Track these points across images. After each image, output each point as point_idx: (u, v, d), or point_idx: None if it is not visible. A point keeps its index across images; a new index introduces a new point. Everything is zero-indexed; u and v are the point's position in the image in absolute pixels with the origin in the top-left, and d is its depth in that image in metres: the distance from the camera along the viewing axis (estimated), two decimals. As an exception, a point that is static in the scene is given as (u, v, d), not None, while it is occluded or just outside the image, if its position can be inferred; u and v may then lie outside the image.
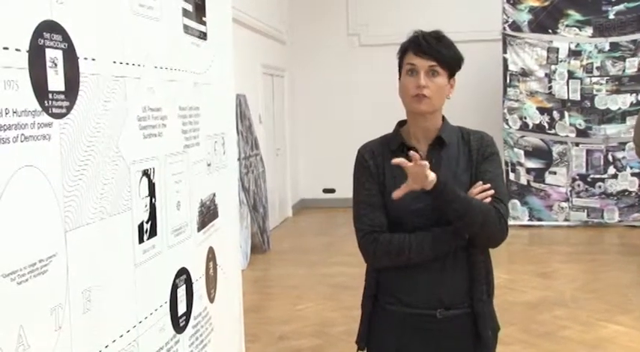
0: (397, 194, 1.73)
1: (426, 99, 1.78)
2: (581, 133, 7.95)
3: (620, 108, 7.88)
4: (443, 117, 1.88)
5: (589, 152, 7.96)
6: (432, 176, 1.70)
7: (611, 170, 7.90)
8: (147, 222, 1.56)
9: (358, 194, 1.87)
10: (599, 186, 7.91)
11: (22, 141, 1.09)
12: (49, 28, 1.17)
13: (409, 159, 1.79)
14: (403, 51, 1.85)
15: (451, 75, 1.83)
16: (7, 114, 1.05)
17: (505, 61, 8.02)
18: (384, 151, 1.86)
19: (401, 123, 1.91)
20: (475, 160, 1.84)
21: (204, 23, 2.01)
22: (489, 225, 1.77)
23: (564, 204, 7.99)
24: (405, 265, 1.80)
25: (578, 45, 7.93)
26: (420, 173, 1.69)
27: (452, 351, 1.85)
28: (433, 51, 1.78)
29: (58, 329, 1.18)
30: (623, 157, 7.86)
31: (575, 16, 7.91)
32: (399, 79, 1.85)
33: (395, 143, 1.86)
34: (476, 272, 1.83)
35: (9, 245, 1.06)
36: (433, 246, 1.77)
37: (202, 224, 1.98)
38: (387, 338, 1.88)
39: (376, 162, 1.85)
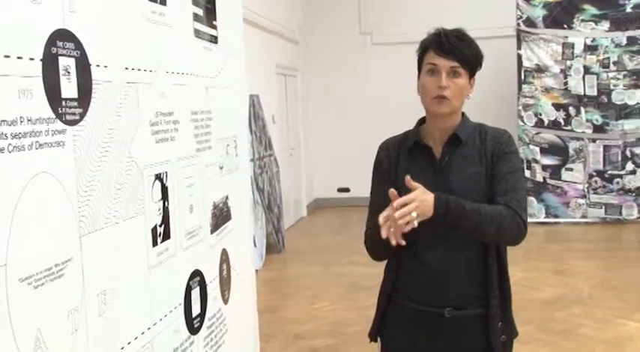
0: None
1: (446, 101, 1.75)
2: (598, 129, 7.87)
3: (637, 103, 7.80)
4: (463, 114, 1.85)
5: (606, 148, 7.87)
6: (429, 200, 1.65)
7: (630, 166, 7.82)
8: (160, 226, 1.58)
9: (371, 192, 1.94)
10: (617, 182, 7.83)
11: (36, 149, 1.11)
12: (62, 37, 1.19)
13: (423, 157, 1.81)
14: (424, 49, 1.80)
15: (472, 75, 1.79)
16: (21, 122, 1.08)
17: (519, 57, 7.96)
18: (401, 148, 1.87)
19: (422, 120, 1.89)
20: (489, 161, 1.80)
21: (214, 27, 2.03)
22: (504, 229, 1.73)
23: (581, 201, 7.92)
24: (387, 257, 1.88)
25: (594, 40, 7.85)
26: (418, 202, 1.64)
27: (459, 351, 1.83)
28: (456, 51, 1.74)
29: (74, 332, 1.20)
30: (642, 153, 7.78)
31: (591, 10, 7.83)
32: (419, 77, 1.81)
33: (411, 140, 1.86)
34: (486, 274, 1.81)
35: (26, 250, 1.08)
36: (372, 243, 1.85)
37: (215, 226, 2.00)
38: (397, 332, 1.89)
39: (389, 160, 1.87)
